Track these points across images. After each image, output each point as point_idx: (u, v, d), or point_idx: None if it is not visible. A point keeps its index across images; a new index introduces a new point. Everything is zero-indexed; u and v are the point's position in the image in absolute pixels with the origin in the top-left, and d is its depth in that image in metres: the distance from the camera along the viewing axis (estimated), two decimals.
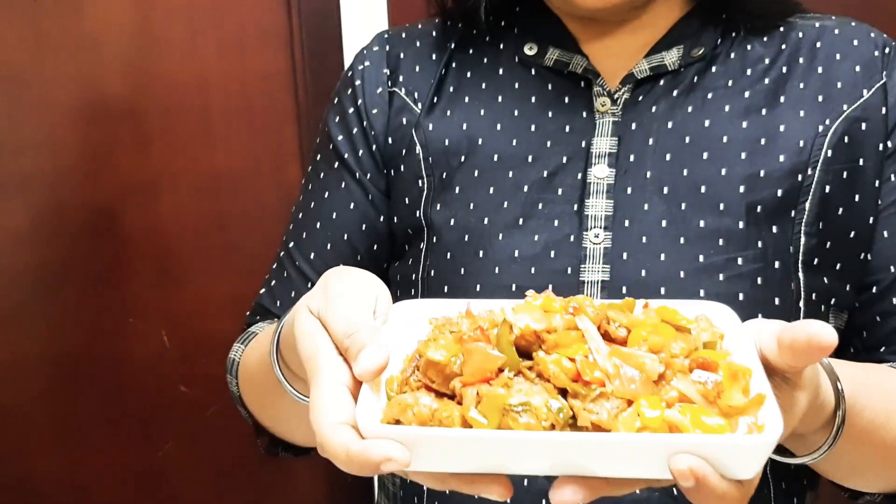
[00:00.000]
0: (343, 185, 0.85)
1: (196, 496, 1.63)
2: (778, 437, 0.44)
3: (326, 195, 0.86)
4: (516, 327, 0.48)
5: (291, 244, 0.88)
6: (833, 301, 0.77)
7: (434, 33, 0.86)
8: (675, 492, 0.68)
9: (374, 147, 0.84)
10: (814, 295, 0.75)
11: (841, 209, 0.76)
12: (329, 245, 0.85)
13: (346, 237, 0.84)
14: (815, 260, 0.75)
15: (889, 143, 0.77)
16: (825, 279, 0.76)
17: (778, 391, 0.50)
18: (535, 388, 0.46)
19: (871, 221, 0.76)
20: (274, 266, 0.90)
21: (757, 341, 0.50)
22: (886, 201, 0.77)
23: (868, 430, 0.65)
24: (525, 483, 0.73)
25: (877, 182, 0.76)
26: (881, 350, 0.78)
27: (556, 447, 0.44)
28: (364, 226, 0.84)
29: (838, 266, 0.77)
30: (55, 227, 1.55)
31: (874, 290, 0.77)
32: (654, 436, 0.44)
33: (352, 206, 0.84)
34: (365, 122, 0.84)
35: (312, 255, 0.85)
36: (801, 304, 0.74)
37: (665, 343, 0.48)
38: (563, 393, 0.46)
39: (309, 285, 0.84)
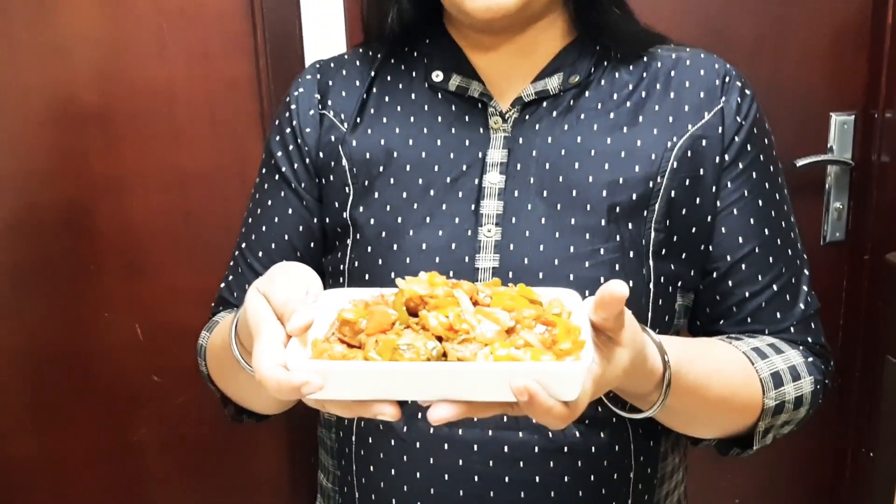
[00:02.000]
0: (282, 194, 0.99)
1: (168, 478, 1.71)
2: (585, 365, 0.58)
3: (269, 203, 1.00)
4: (406, 293, 0.63)
5: (244, 244, 1.02)
6: (679, 284, 0.92)
7: (357, 63, 1.00)
8: (551, 434, 0.86)
9: (307, 160, 0.97)
10: (662, 278, 0.89)
11: (684, 210, 0.90)
12: (273, 244, 0.99)
13: (286, 237, 0.98)
14: (663, 250, 0.89)
15: (726, 157, 0.91)
16: (672, 265, 0.90)
17: (603, 347, 0.65)
18: (418, 336, 0.60)
19: (709, 220, 0.91)
20: (231, 263, 1.04)
21: (588, 312, 0.64)
22: (723, 204, 0.91)
23: (693, 389, 0.80)
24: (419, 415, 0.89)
25: (714, 188, 0.91)
26: (720, 322, 0.94)
27: (427, 374, 0.57)
28: (301, 227, 0.98)
29: (683, 255, 0.91)
30: (29, 225, 1.61)
31: (714, 275, 0.92)
32: (496, 363, 0.58)
33: (290, 211, 0.98)
34: (299, 140, 0.98)
35: (260, 254, 1.00)
36: (651, 286, 0.88)
37: (517, 307, 0.62)
38: (441, 341, 0.60)
39: None
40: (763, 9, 1.67)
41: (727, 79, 0.93)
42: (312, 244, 0.99)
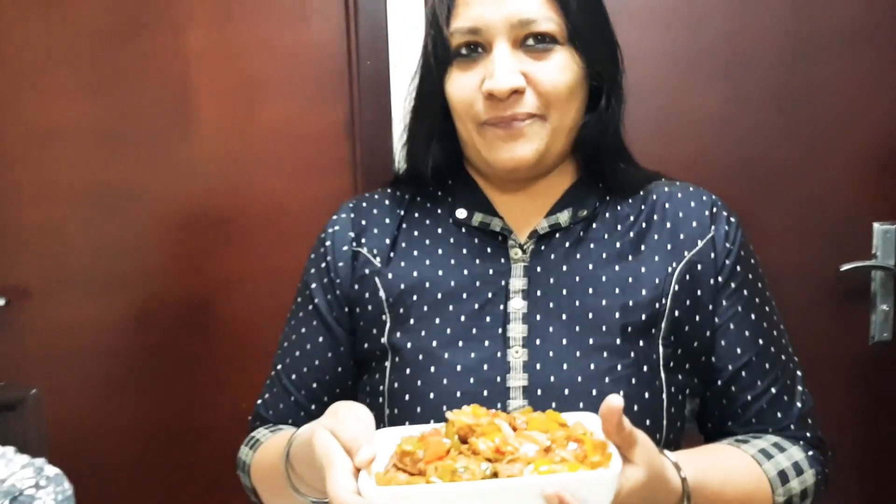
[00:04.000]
0: (314, 324, 1.08)
1: None
2: (615, 473, 0.67)
3: (303, 331, 1.09)
4: (456, 423, 0.73)
5: (279, 366, 1.12)
6: (687, 391, 1.01)
7: (387, 202, 1.11)
8: None
9: (338, 293, 1.06)
10: (673, 388, 0.98)
11: (687, 327, 1.00)
12: (305, 369, 1.08)
13: (317, 363, 1.08)
14: (671, 363, 0.99)
15: (719, 279, 1.01)
16: (679, 376, 1.00)
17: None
18: (471, 459, 0.69)
19: (708, 335, 1.01)
20: (268, 382, 1.14)
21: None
22: (721, 320, 1.01)
23: (711, 500, 0.88)
24: None
25: (710, 307, 1.01)
26: (729, 424, 1.03)
27: (484, 490, 0.67)
28: (330, 354, 1.07)
29: (688, 366, 1.01)
30: (153, 316, 1.85)
31: (719, 382, 1.02)
32: (537, 476, 0.67)
33: (321, 339, 1.07)
34: (332, 274, 1.07)
35: (294, 376, 1.09)
36: (665, 395, 0.97)
37: (550, 430, 0.72)
38: (490, 462, 0.70)
39: (292, 399, 1.09)
40: (807, 130, 1.84)
41: (714, 209, 1.04)
42: (340, 369, 1.07)
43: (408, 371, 0.99)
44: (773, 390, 1.02)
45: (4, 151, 1.82)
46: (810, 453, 1.00)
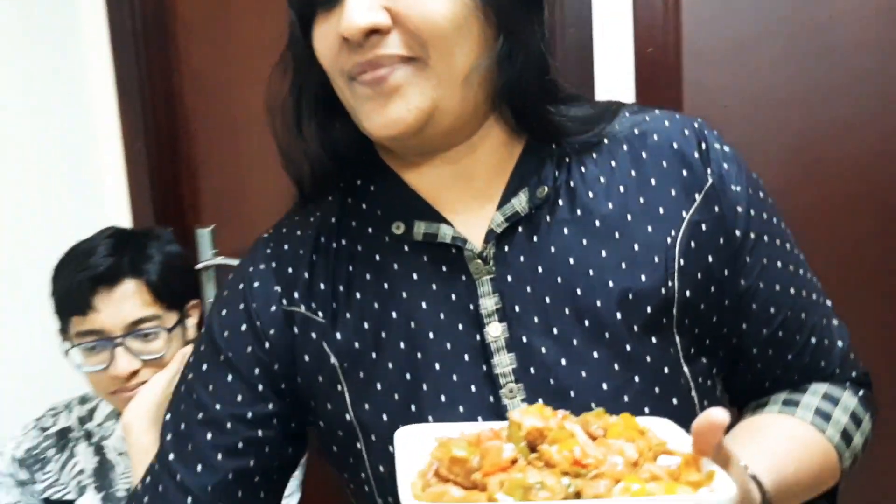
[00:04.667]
0: (229, 379, 0.83)
1: None
2: (732, 495, 0.54)
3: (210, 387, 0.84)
4: (524, 426, 0.57)
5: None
6: (714, 371, 0.83)
7: (307, 232, 0.84)
8: None
9: (275, 366, 0.82)
10: (700, 379, 0.80)
11: (703, 305, 0.79)
12: (199, 466, 0.82)
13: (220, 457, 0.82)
14: (692, 350, 0.79)
15: (736, 233, 0.80)
16: (704, 360, 0.81)
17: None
18: (545, 473, 0.54)
19: (730, 303, 0.81)
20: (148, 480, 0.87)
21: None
22: (747, 281, 0.81)
23: (787, 495, 0.76)
24: None
25: (727, 271, 0.80)
26: (770, 389, 0.87)
27: None
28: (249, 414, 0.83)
29: (710, 344, 0.81)
30: None
31: (754, 351, 0.84)
32: (644, 499, 0.53)
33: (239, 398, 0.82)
34: (267, 344, 0.81)
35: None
36: (694, 392, 0.79)
37: (633, 438, 0.59)
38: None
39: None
40: None
41: (703, 145, 0.82)
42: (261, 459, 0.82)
43: (390, 448, 0.76)
44: (814, 340, 0.85)
45: (245, 123, 1.98)
46: (861, 394, 0.88)
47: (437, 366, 0.78)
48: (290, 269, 0.83)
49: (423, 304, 0.79)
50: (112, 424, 1.32)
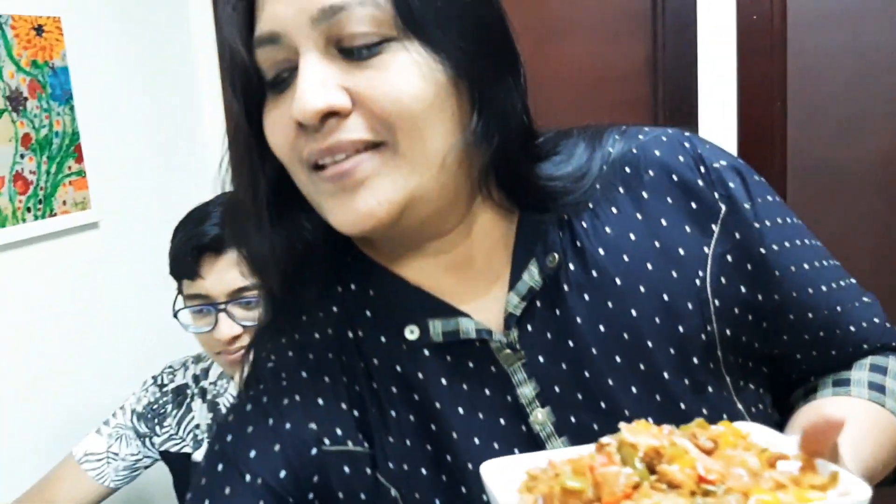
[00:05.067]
0: None
1: None
2: (868, 497, 0.51)
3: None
4: (640, 447, 0.53)
5: None
6: (761, 391, 0.79)
7: (318, 353, 0.76)
8: None
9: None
10: (752, 408, 0.76)
11: (743, 337, 0.75)
12: None
13: None
14: (741, 382, 0.76)
15: (761, 250, 0.74)
16: (751, 385, 0.78)
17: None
18: (671, 496, 0.50)
19: (765, 325, 0.76)
20: None
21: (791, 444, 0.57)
22: (786, 287, 0.76)
23: (870, 476, 0.70)
24: None
25: (759, 296, 0.74)
26: (825, 373, 0.82)
27: None
28: None
29: (751, 365, 0.77)
30: None
31: (806, 336, 0.79)
32: None
33: None
34: (310, 494, 0.73)
35: None
36: (741, 406, 0.75)
37: (750, 447, 0.55)
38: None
39: None
40: None
41: (702, 168, 0.74)
42: None
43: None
44: (853, 328, 0.80)
45: None
46: None
47: None
48: (320, 401, 0.74)
49: (460, 410, 0.72)
50: (224, 383, 1.38)
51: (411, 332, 0.72)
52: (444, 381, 0.73)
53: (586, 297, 0.71)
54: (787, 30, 1.70)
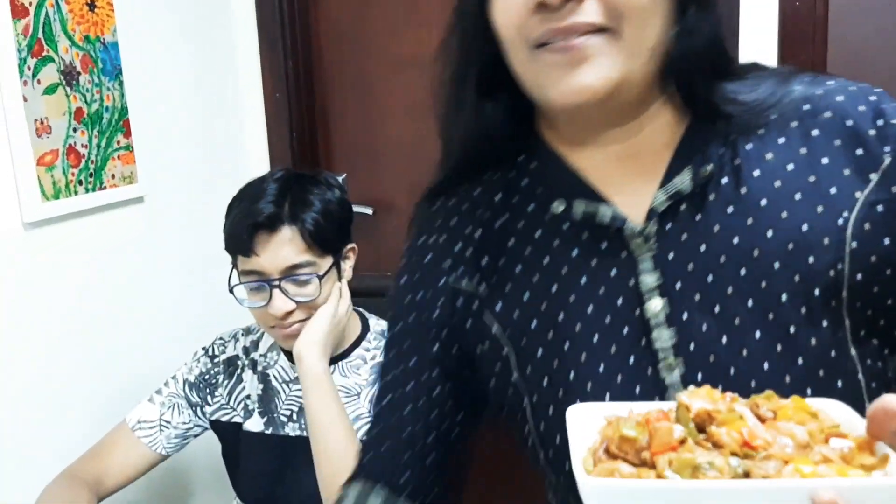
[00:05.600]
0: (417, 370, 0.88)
1: None
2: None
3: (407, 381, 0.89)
4: (693, 408, 0.59)
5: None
6: (886, 351, 0.79)
7: (471, 207, 0.87)
8: None
9: (443, 333, 0.86)
10: (868, 360, 0.77)
11: (875, 287, 0.76)
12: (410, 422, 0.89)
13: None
14: (862, 331, 0.77)
15: None
16: (874, 341, 0.78)
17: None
18: (713, 454, 0.56)
19: None
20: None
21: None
22: None
23: None
24: None
25: None
26: None
27: (739, 492, 0.54)
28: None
29: (882, 322, 0.78)
30: None
31: None
32: (807, 480, 0.54)
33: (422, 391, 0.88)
34: (432, 315, 0.86)
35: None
36: (861, 374, 0.77)
37: (804, 421, 0.59)
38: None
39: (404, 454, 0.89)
40: None
41: (880, 121, 0.76)
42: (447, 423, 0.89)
43: (551, 411, 0.81)
44: None
45: (376, 77, 2.06)
46: None
47: (596, 337, 0.79)
48: (458, 245, 0.86)
49: (583, 280, 0.80)
50: (275, 355, 1.41)
51: (558, 206, 0.80)
52: (575, 253, 0.81)
53: (729, 209, 0.76)
54: (829, 16, 1.71)
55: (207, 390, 1.42)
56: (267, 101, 2.06)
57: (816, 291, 0.75)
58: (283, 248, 1.26)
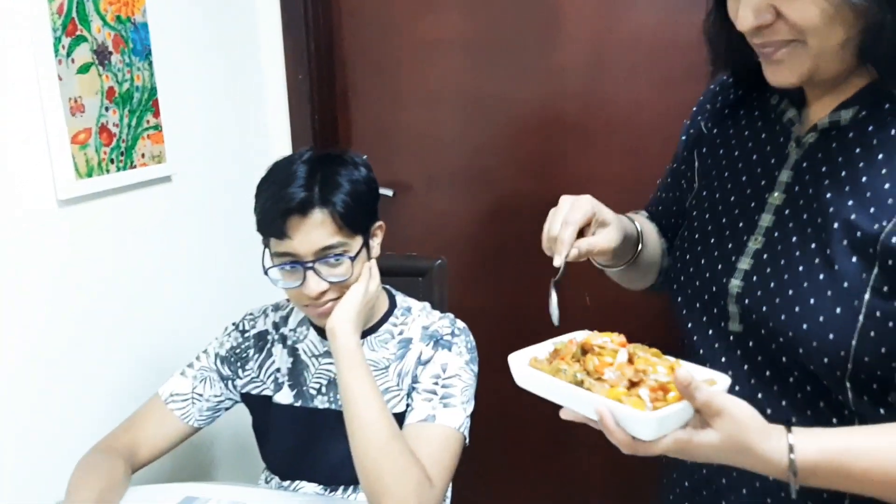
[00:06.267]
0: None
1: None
2: (647, 418, 0.80)
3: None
4: (576, 341, 0.93)
5: None
6: None
7: (720, 89, 1.18)
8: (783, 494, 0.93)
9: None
10: (878, 312, 0.88)
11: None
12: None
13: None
14: (885, 288, 0.88)
15: None
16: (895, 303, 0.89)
17: (700, 423, 0.83)
18: (573, 367, 0.88)
19: None
20: None
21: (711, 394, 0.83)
22: None
23: (846, 479, 0.85)
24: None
25: None
26: None
27: (562, 389, 0.87)
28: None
29: None
30: (509, 211, 2.06)
31: None
32: (597, 396, 0.84)
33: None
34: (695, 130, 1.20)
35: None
36: (861, 316, 0.89)
37: (650, 366, 0.87)
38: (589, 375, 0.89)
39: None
40: None
41: None
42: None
43: (696, 236, 1.10)
44: None
45: (397, 61, 2.08)
46: None
47: (733, 197, 1.06)
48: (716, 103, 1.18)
49: (754, 157, 1.05)
50: (304, 329, 1.45)
51: (773, 99, 1.08)
52: (759, 124, 1.08)
53: (857, 150, 0.94)
54: None
55: (238, 364, 1.45)
56: (289, 82, 2.08)
57: (870, 249, 0.89)
58: (315, 231, 1.28)
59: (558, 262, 1.00)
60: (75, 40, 1.48)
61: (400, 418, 1.33)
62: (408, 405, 1.35)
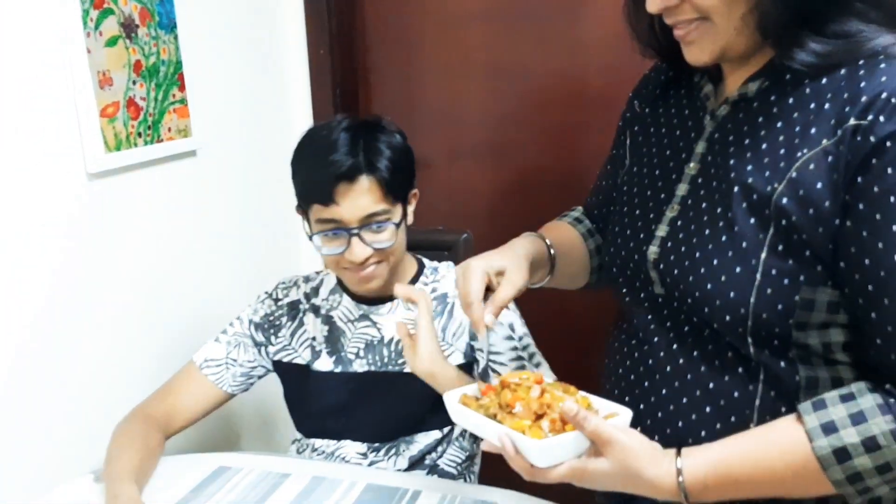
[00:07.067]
0: None
1: None
2: (538, 446, 0.88)
3: None
4: (503, 381, 1.00)
5: None
6: (802, 278, 0.91)
7: (655, 73, 1.22)
8: None
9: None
10: (773, 271, 0.91)
11: (794, 218, 0.90)
12: None
13: None
14: (779, 247, 0.91)
15: (858, 180, 0.88)
16: (790, 261, 0.91)
17: (595, 453, 0.90)
18: (493, 401, 0.98)
19: (821, 231, 0.90)
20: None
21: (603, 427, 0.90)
22: (844, 245, 0.89)
23: (736, 492, 0.90)
24: None
25: (827, 202, 0.89)
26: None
27: (474, 420, 0.96)
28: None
29: (808, 253, 0.91)
30: (535, 185, 2.06)
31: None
32: (500, 425, 0.92)
33: None
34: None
35: None
36: (758, 275, 0.92)
37: (557, 400, 0.93)
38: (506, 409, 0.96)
39: None
40: None
41: (892, 100, 0.86)
42: None
43: (623, 207, 1.13)
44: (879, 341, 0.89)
45: (418, 34, 2.09)
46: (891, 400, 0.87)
47: (655, 160, 1.09)
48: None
49: (677, 132, 1.08)
50: (337, 297, 1.46)
51: (697, 77, 1.10)
52: (686, 110, 1.10)
53: (760, 119, 0.96)
54: None
55: (271, 331, 1.46)
56: (311, 57, 2.09)
57: (764, 209, 0.92)
58: (362, 197, 1.30)
59: (482, 340, 1.11)
60: (103, 13, 1.49)
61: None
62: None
